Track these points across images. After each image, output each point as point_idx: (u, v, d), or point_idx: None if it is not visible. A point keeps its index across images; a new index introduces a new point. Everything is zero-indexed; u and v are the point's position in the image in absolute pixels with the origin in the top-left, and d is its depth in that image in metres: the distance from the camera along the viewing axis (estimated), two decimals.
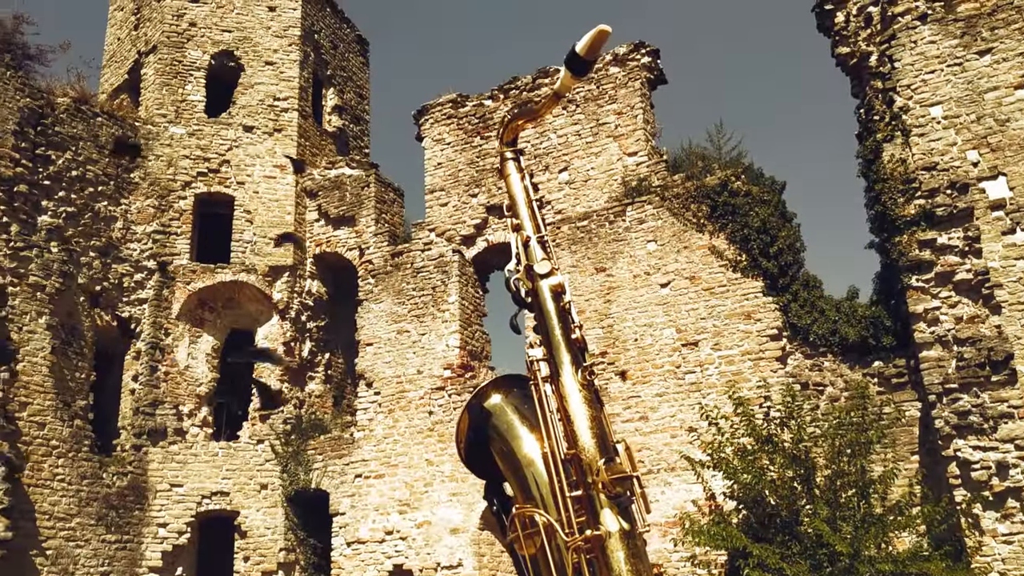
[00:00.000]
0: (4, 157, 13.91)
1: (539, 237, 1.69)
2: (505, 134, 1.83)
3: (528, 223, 1.71)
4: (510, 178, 1.79)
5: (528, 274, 1.65)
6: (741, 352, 12.30)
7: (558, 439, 1.51)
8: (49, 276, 14.12)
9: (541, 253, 1.67)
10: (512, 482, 1.63)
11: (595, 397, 1.54)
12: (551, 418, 1.52)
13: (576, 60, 1.60)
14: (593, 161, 14.72)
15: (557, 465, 1.50)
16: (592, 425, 1.49)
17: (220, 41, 17.45)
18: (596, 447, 1.47)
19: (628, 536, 1.42)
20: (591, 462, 1.46)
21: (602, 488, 1.44)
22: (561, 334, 1.58)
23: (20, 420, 13.21)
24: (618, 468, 1.45)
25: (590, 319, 13.51)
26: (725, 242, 12.87)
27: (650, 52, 15.02)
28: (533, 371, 1.58)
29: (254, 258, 16.29)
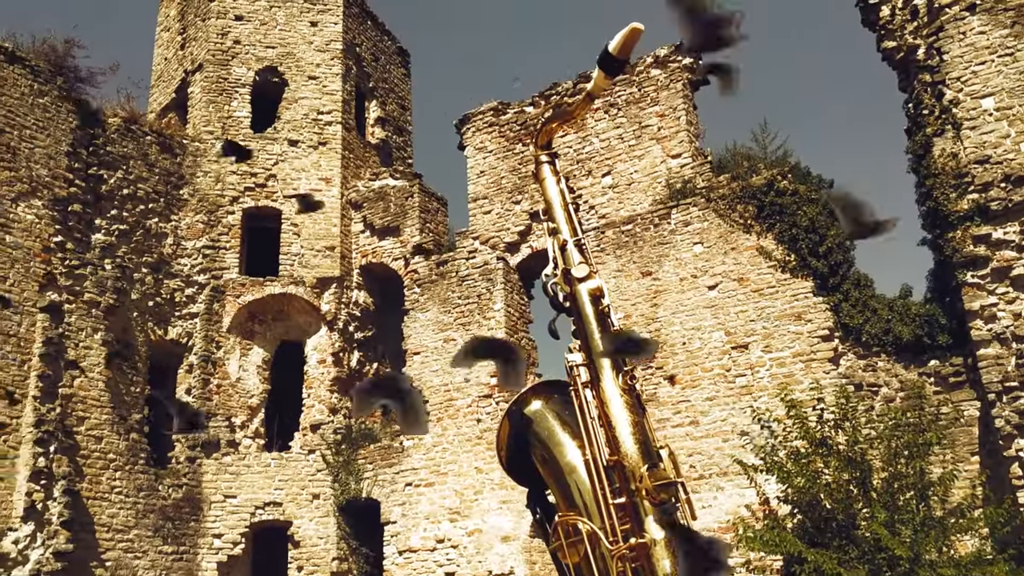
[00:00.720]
0: (58, 178, 14.27)
1: (576, 240, 1.67)
2: (540, 137, 1.81)
3: (565, 227, 1.68)
4: (545, 182, 1.77)
5: (566, 278, 1.62)
6: (792, 354, 12.10)
7: (600, 445, 1.48)
8: (103, 293, 14.44)
9: (579, 256, 1.64)
10: (554, 489, 1.61)
11: (637, 402, 1.51)
12: (592, 424, 1.50)
13: (609, 60, 1.58)
14: (636, 164, 14.62)
15: (599, 472, 1.47)
16: (634, 431, 1.46)
17: (264, 57, 17.72)
18: (639, 453, 1.44)
19: (673, 544, 1.39)
20: (634, 468, 1.43)
21: (646, 495, 1.41)
22: (601, 338, 1.55)
23: (78, 435, 13.51)
24: (662, 474, 1.41)
25: (637, 323, 13.40)
26: (773, 242, 12.68)
27: (691, 53, 14.88)
28: (573, 377, 1.56)
29: (302, 270, 16.48)
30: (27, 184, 13.80)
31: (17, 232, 13.56)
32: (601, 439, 1.49)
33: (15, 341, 13.13)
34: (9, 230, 13.43)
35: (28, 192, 13.80)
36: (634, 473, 1.44)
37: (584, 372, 1.55)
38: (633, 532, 1.44)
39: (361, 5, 19.20)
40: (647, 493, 1.42)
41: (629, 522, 1.45)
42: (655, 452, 1.47)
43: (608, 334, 1.55)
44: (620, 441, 1.47)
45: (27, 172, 13.84)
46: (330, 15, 18.20)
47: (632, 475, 1.44)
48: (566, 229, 1.69)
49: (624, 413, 1.49)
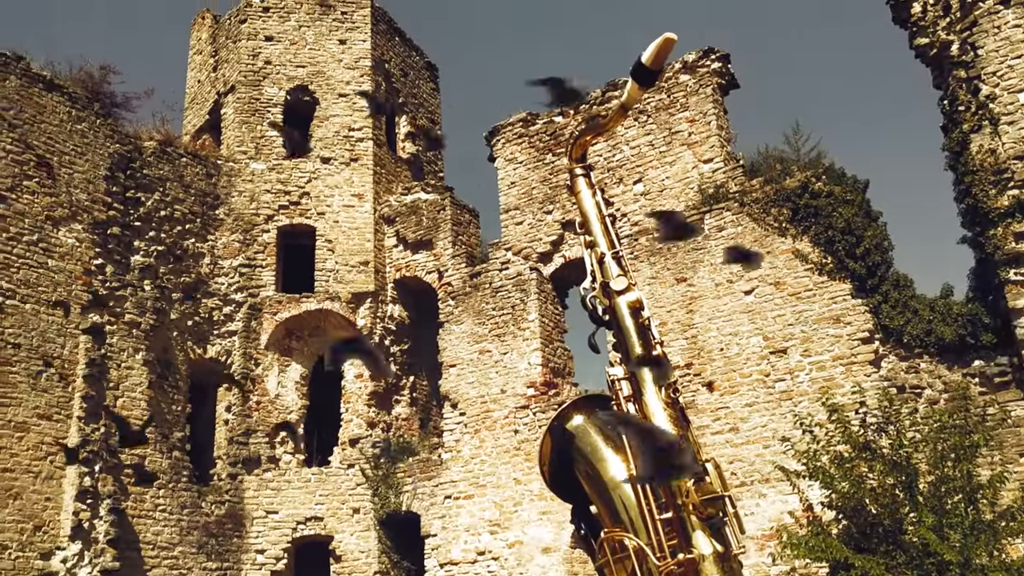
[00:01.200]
0: (97, 202, 14.52)
1: (614, 253, 1.65)
2: (574, 151, 1.80)
3: (602, 239, 1.67)
4: (581, 195, 1.77)
5: (604, 291, 1.61)
6: (832, 357, 11.95)
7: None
8: (144, 313, 14.65)
9: (617, 269, 1.63)
10: (599, 505, 1.59)
11: (680, 415, 1.49)
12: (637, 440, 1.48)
13: (642, 70, 1.57)
14: (668, 171, 14.56)
15: (645, 487, 1.46)
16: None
17: (295, 77, 17.92)
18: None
19: (723, 559, 1.37)
20: (680, 483, 1.42)
21: (693, 509, 1.39)
22: (642, 351, 1.54)
23: (121, 454, 13.70)
24: (708, 488, 1.40)
25: (673, 330, 13.32)
26: (809, 245, 12.54)
27: (720, 57, 14.81)
28: (615, 391, 1.54)
29: (337, 286, 16.60)
30: (67, 209, 14.07)
31: (59, 256, 13.81)
32: None
33: (59, 363, 13.36)
34: (51, 254, 13.69)
35: (69, 216, 14.06)
36: (680, 487, 1.42)
37: (626, 386, 1.54)
38: (681, 547, 1.42)
39: (389, 22, 19.36)
40: (694, 507, 1.40)
41: (676, 537, 1.43)
42: (701, 466, 1.45)
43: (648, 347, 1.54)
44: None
45: (67, 197, 14.11)
46: (358, 33, 18.37)
47: (678, 489, 1.43)
48: (603, 242, 1.68)
49: (668, 426, 1.47)
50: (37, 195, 13.72)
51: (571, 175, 1.78)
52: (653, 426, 1.40)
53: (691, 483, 1.43)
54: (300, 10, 18.38)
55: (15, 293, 13.09)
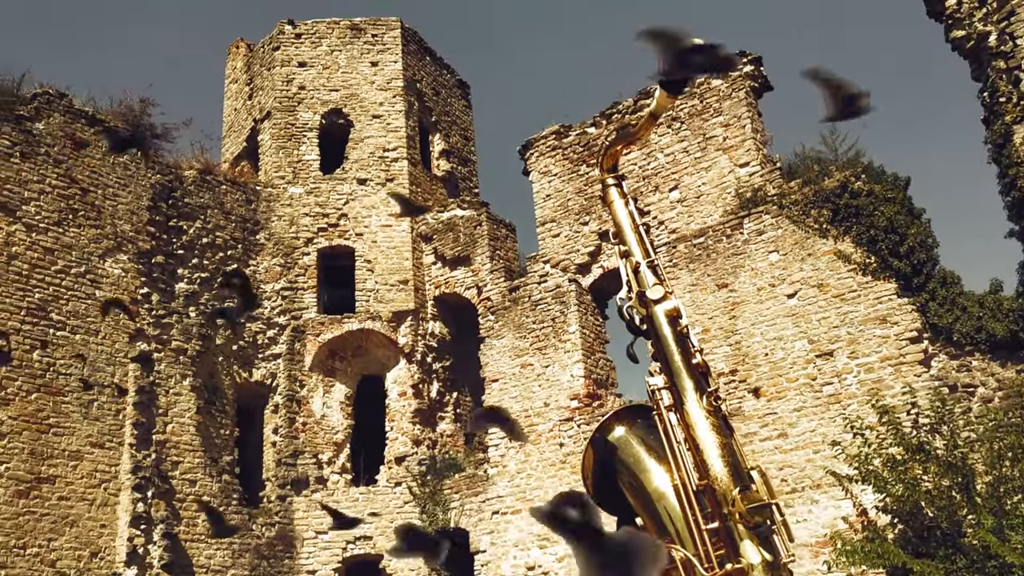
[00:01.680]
0: (141, 232, 14.81)
1: (649, 262, 1.64)
2: (605, 160, 1.80)
3: (636, 248, 1.66)
4: (614, 204, 1.76)
5: (641, 301, 1.60)
6: (880, 358, 11.73)
7: (688, 470, 1.44)
8: (189, 340, 14.89)
9: (653, 278, 1.62)
10: (644, 517, 1.57)
11: (723, 423, 1.47)
12: (679, 448, 1.46)
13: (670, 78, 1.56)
14: (704, 176, 14.47)
15: (690, 497, 1.44)
16: (723, 452, 1.42)
17: (328, 100, 18.15)
18: (729, 475, 1.40)
19: (772, 568, 1.35)
20: (725, 492, 1.39)
21: (740, 519, 1.37)
22: (681, 360, 1.52)
23: (173, 479, 13.90)
24: (755, 496, 1.37)
25: (716, 337, 13.20)
26: (851, 245, 12.36)
27: (752, 60, 14.71)
28: (655, 400, 1.53)
29: (378, 305, 16.72)
30: (113, 240, 14.36)
31: (106, 286, 14.09)
32: (689, 463, 1.46)
33: (109, 392, 13.61)
34: (99, 285, 13.97)
35: (114, 247, 14.35)
36: (726, 496, 1.40)
37: (667, 395, 1.52)
38: (728, 557, 1.39)
39: (419, 42, 19.53)
40: (740, 516, 1.37)
41: (724, 547, 1.41)
42: (746, 474, 1.43)
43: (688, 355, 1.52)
44: (709, 464, 1.43)
45: (112, 228, 14.41)
46: (389, 54, 18.56)
47: (724, 499, 1.40)
48: (638, 251, 1.67)
49: (711, 435, 1.45)
50: (83, 228, 14.02)
51: (603, 185, 1.77)
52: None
53: (737, 491, 1.41)
54: (331, 35, 18.63)
55: (65, 324, 13.38)
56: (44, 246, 13.47)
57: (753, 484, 1.42)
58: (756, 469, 1.44)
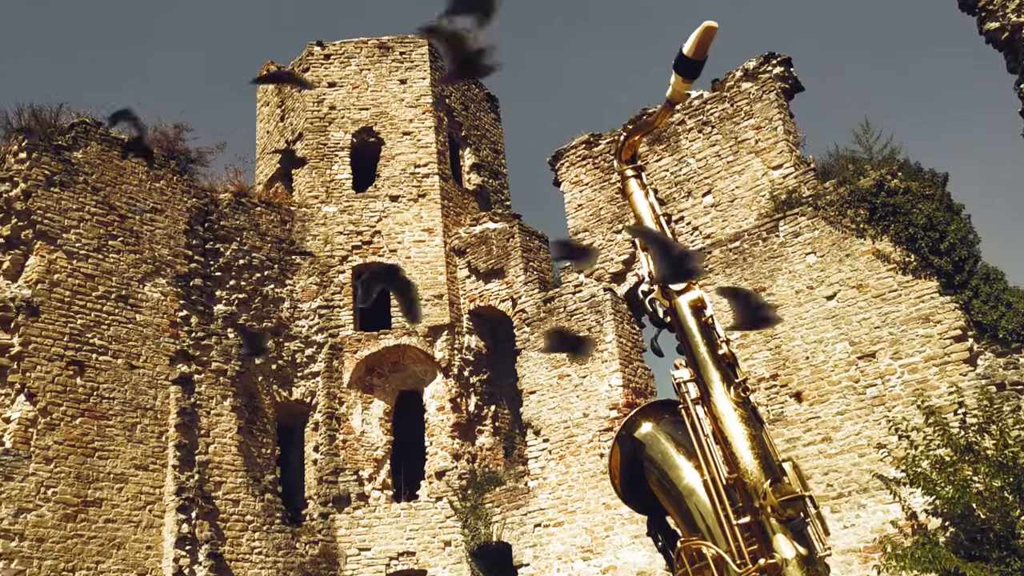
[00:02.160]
0: (179, 255, 15.01)
1: None
2: (623, 152, 1.76)
3: None
4: (633, 196, 1.72)
5: (664, 292, 1.56)
6: (924, 358, 11.50)
7: (717, 464, 1.40)
8: (229, 360, 15.03)
9: None
10: (674, 514, 1.53)
11: (753, 414, 1.42)
12: (707, 442, 1.42)
13: (685, 63, 1.52)
14: (737, 180, 14.35)
15: (719, 492, 1.39)
16: (752, 444, 1.38)
17: (359, 120, 18.31)
18: (760, 468, 1.36)
19: (807, 562, 1.29)
20: (756, 485, 1.35)
21: (771, 512, 1.32)
22: (707, 351, 1.48)
23: (217, 499, 14.02)
24: (787, 488, 1.32)
25: (755, 342, 13.04)
26: (890, 244, 12.16)
27: (781, 62, 14.59)
28: (681, 394, 1.48)
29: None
30: (151, 264, 14.57)
31: (146, 310, 14.29)
32: (718, 457, 1.41)
33: (152, 414, 13.77)
34: (139, 309, 14.17)
35: (153, 272, 14.56)
36: (756, 489, 1.35)
37: (693, 388, 1.48)
38: (761, 553, 1.34)
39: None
40: (772, 510, 1.32)
41: (756, 543, 1.36)
42: (777, 466, 1.38)
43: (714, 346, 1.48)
44: (738, 457, 1.38)
45: (150, 253, 14.62)
46: (417, 71, 18.68)
47: (755, 492, 1.35)
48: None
49: (740, 427, 1.41)
50: (122, 253, 14.25)
51: (622, 177, 1.74)
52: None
53: (768, 484, 1.36)
54: (360, 54, 18.80)
55: (107, 349, 13.58)
56: (85, 272, 13.70)
57: (785, 476, 1.37)
58: (788, 461, 1.40)
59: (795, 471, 1.38)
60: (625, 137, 1.76)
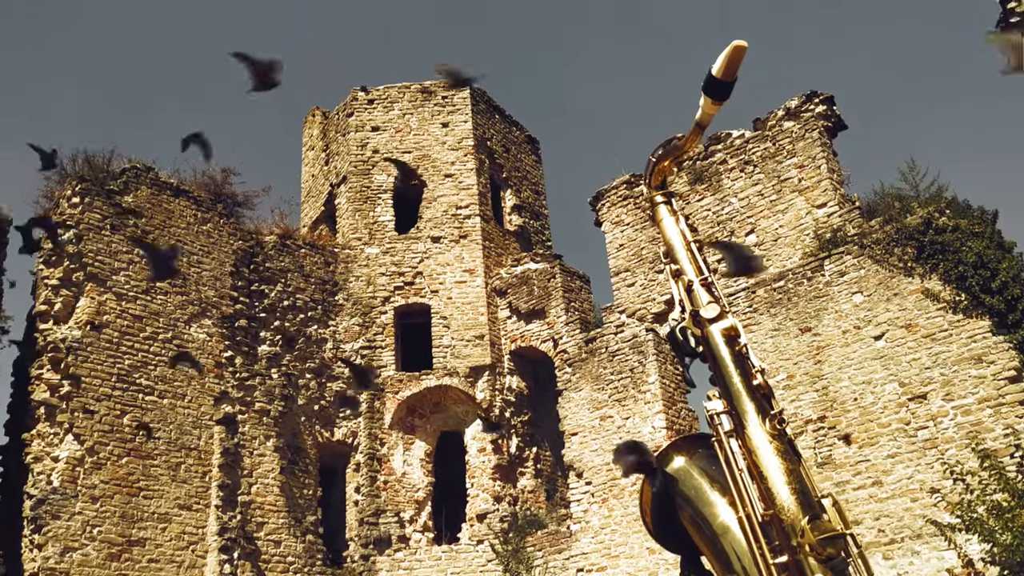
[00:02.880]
0: (224, 297, 15.22)
1: (703, 279, 1.55)
2: (653, 178, 1.72)
3: (689, 267, 1.58)
4: (663, 222, 1.68)
5: (695, 320, 1.51)
6: (978, 400, 11.17)
7: (752, 500, 1.33)
8: (272, 401, 15.13)
9: (707, 296, 1.53)
10: (708, 554, 1.46)
11: (789, 447, 1.36)
12: (741, 477, 1.35)
13: (714, 84, 1.48)
14: (780, 219, 14.20)
15: (755, 530, 1.32)
16: (789, 479, 1.31)
17: (402, 162, 18.53)
18: (797, 504, 1.29)
19: None
20: (793, 522, 1.28)
21: (810, 551, 1.25)
22: (741, 381, 1.42)
23: (258, 540, 14.02)
24: (826, 526, 1.25)
25: (801, 383, 12.80)
26: (939, 283, 11.89)
27: (824, 100, 14.48)
28: (715, 426, 1.42)
29: (454, 361, 16.76)
30: (197, 306, 14.79)
31: (192, 351, 14.47)
32: (753, 492, 1.34)
33: (196, 454, 13.87)
34: (185, 350, 14.35)
35: (199, 313, 14.77)
36: (794, 527, 1.29)
37: (726, 420, 1.42)
38: None
39: (488, 101, 19.85)
40: (811, 548, 1.25)
41: None
42: (816, 502, 1.31)
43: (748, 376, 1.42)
44: (775, 492, 1.32)
45: (197, 295, 14.85)
46: (459, 114, 18.90)
47: (792, 529, 1.29)
48: (690, 269, 1.58)
49: (775, 461, 1.34)
50: (169, 295, 14.49)
51: (651, 203, 1.70)
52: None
53: (806, 521, 1.29)
54: (403, 99, 19.09)
55: (153, 389, 13.75)
56: (133, 314, 13.94)
57: (824, 513, 1.30)
58: (828, 497, 1.33)
59: (835, 508, 1.31)
60: (655, 162, 1.72)
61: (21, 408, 13.41)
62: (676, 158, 1.74)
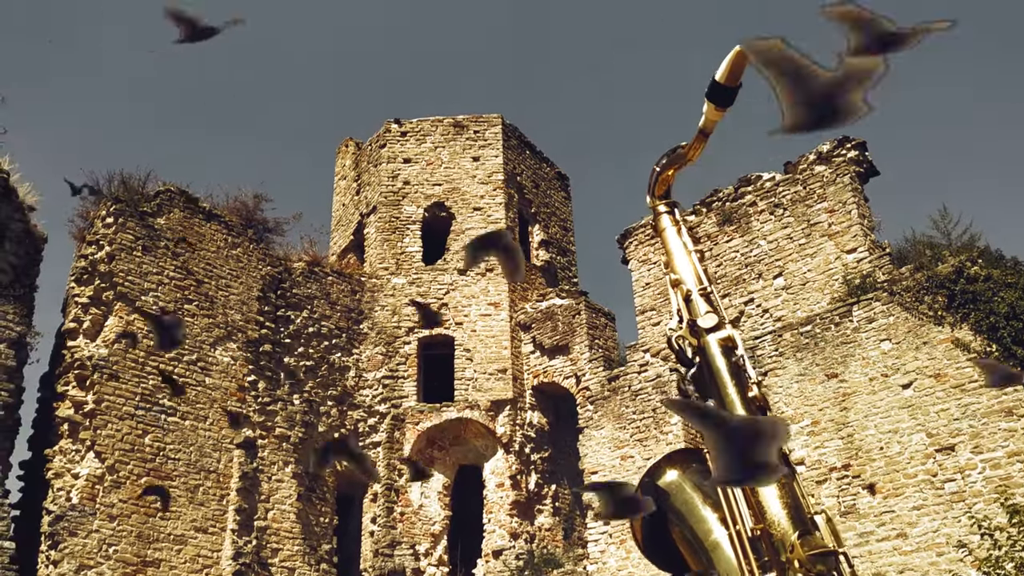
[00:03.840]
0: (250, 321, 15.32)
1: (701, 289, 1.52)
2: (656, 188, 1.70)
3: (688, 276, 1.55)
4: (665, 232, 1.66)
5: (692, 330, 1.48)
6: (1007, 453, 10.91)
7: (743, 514, 1.29)
8: (293, 427, 15.13)
9: (705, 306, 1.50)
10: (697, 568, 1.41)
11: (784, 462, 1.31)
12: (732, 491, 1.31)
13: (717, 90, 1.46)
14: (809, 263, 14.07)
15: (744, 545, 1.28)
16: (781, 493, 1.27)
17: (432, 195, 18.65)
18: (788, 519, 1.24)
19: None
20: (783, 536, 1.23)
21: (799, 567, 1.20)
22: (736, 392, 1.39)
23: (272, 566, 13.94)
24: (817, 542, 1.21)
25: (826, 429, 12.59)
26: (970, 333, 11.70)
27: (856, 145, 14.40)
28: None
29: (476, 394, 16.69)
30: (223, 329, 14.89)
31: (216, 374, 14.55)
32: (744, 506, 1.30)
33: (214, 477, 13.88)
34: (209, 372, 14.44)
35: (224, 336, 14.86)
36: (784, 542, 1.24)
37: None
38: None
39: (519, 137, 19.98)
40: (800, 564, 1.21)
41: None
42: (809, 518, 1.26)
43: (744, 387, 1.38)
44: (765, 507, 1.27)
45: (223, 318, 14.96)
46: (491, 149, 19.03)
47: (781, 544, 1.24)
48: (690, 279, 1.55)
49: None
50: (196, 317, 14.60)
51: (654, 213, 1.68)
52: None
53: (796, 536, 1.25)
54: (435, 132, 19.27)
55: (175, 410, 13.81)
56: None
57: (817, 530, 1.25)
58: (822, 514, 1.28)
59: (828, 525, 1.27)
60: (658, 172, 1.70)
61: (45, 424, 13.52)
62: (680, 167, 1.72)
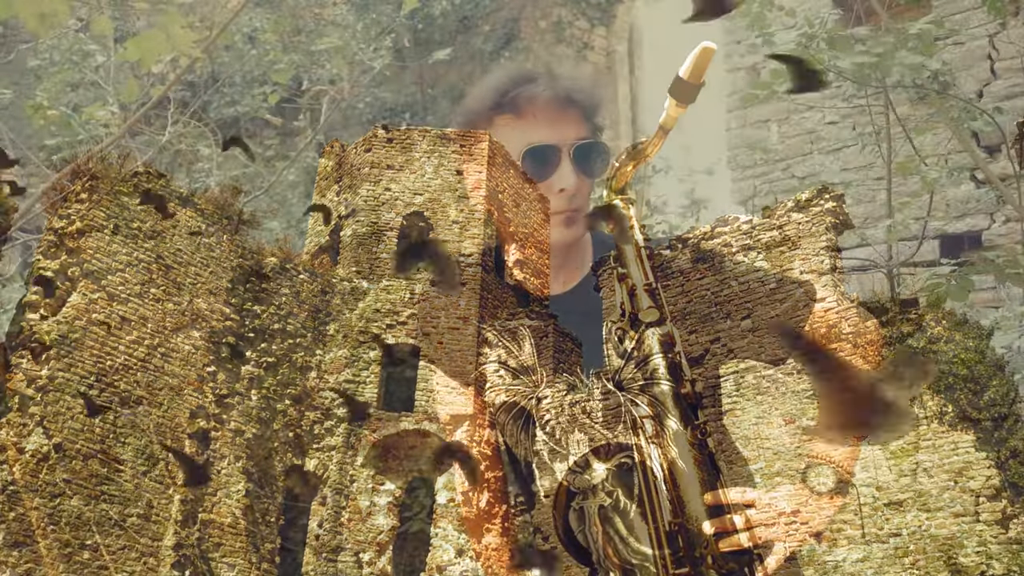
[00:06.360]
0: (216, 312, 15.16)
1: (647, 285, 1.54)
2: (615, 182, 1.71)
3: (635, 271, 1.58)
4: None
5: (633, 323, 1.48)
6: (953, 514, 11.02)
7: (663, 508, 1.29)
8: (248, 422, 14.95)
9: (648, 302, 1.50)
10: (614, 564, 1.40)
11: (708, 459, 1.32)
12: (655, 484, 1.30)
13: (681, 86, 1.47)
14: (777, 308, 14.19)
15: (661, 538, 1.27)
16: (704, 490, 1.27)
17: (412, 204, 18.63)
18: (707, 515, 1.24)
19: None
20: (700, 532, 1.23)
21: (712, 563, 1.20)
22: (669, 387, 1.39)
23: (213, 560, 13.72)
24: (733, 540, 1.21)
25: (781, 472, 12.66)
26: (928, 392, 11.85)
27: (834, 197, 14.60)
28: (638, 430, 1.38)
29: (436, 407, 16.61)
30: (188, 317, 14.72)
31: (176, 362, 14.36)
32: (664, 500, 1.30)
33: (163, 465, 13.67)
34: (168, 359, 14.25)
35: (187, 324, 14.69)
36: (699, 537, 1.24)
37: (649, 425, 1.38)
38: None
39: (505, 156, 20.05)
40: (713, 560, 1.21)
41: None
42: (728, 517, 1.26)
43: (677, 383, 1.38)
44: (686, 501, 1.28)
45: (189, 306, 14.79)
46: (475, 164, 19.06)
47: (697, 540, 1.24)
48: (637, 274, 1.57)
49: (691, 470, 1.30)
50: (161, 302, 14.43)
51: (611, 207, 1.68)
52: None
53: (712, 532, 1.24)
54: (422, 142, 19.28)
55: (131, 394, 13.61)
56: (121, 315, 13.86)
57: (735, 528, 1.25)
58: (741, 513, 1.28)
59: (746, 524, 1.26)
60: (617, 167, 1.71)
61: None
62: (638, 163, 1.73)
